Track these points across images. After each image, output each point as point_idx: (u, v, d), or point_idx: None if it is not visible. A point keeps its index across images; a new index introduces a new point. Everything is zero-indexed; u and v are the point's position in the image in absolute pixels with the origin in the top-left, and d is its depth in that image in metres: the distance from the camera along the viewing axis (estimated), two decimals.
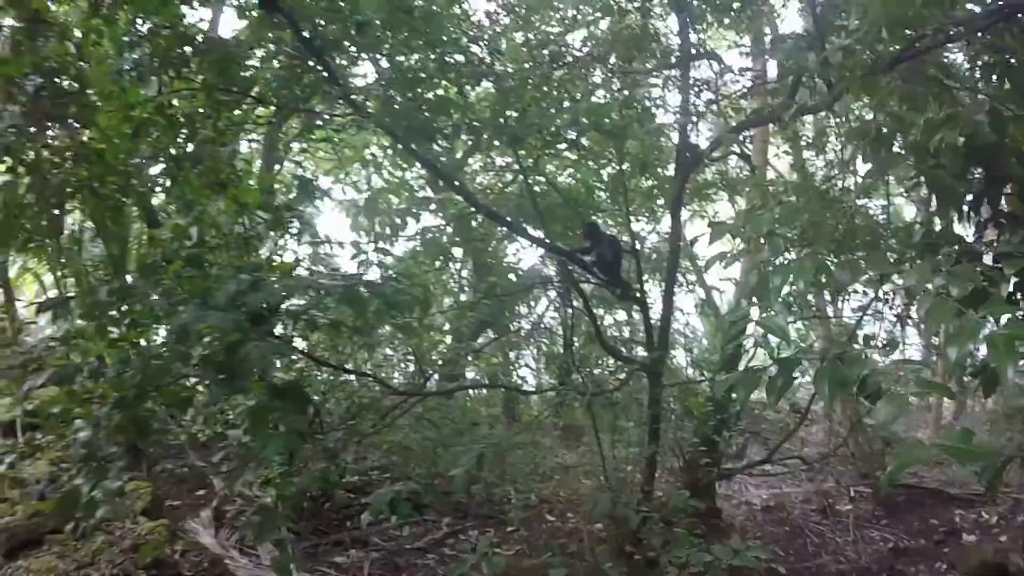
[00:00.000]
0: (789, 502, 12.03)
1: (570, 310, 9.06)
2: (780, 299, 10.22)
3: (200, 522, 8.91)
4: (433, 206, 8.71)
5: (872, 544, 10.78)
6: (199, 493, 9.91)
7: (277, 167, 15.06)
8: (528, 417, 15.54)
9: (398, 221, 7.79)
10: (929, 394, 14.23)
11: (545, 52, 8.05)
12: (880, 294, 11.09)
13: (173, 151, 6.12)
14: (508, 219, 8.53)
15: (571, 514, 10.54)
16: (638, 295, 8.75)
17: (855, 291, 11.02)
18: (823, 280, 9.24)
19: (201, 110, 6.49)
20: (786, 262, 10.29)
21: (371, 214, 7.00)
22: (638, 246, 9.19)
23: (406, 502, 8.14)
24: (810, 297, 11.13)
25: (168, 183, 6.64)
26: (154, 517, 8.03)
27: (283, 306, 5.04)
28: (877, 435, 12.28)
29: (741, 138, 9.38)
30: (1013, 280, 4.91)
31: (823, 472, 12.63)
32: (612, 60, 8.29)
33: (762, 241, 10.64)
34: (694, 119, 8.96)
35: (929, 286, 4.25)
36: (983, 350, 3.53)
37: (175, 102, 6.39)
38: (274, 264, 5.84)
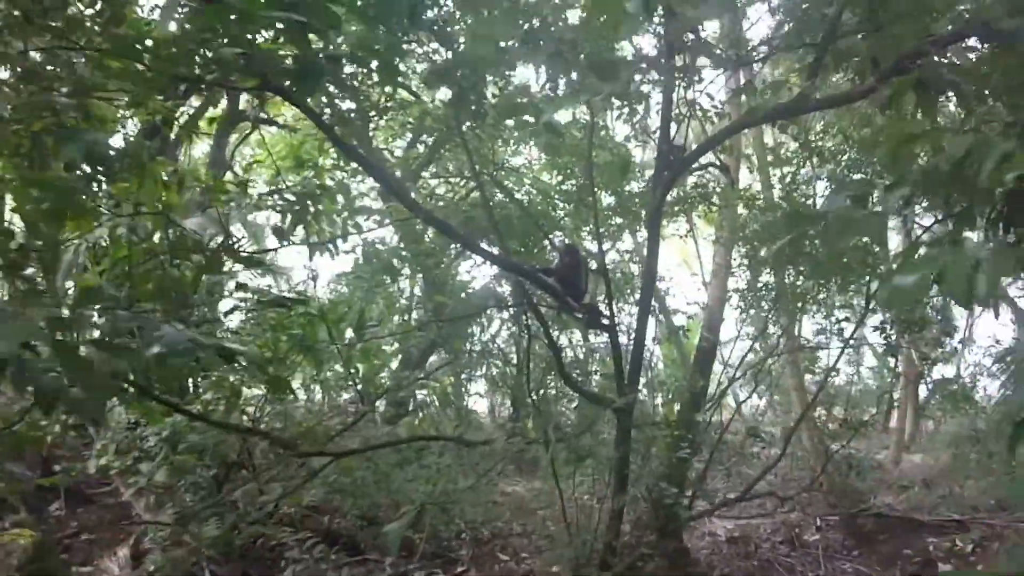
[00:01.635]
0: (756, 533, 11.09)
1: (526, 335, 7.94)
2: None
3: (116, 561, 7.93)
4: (377, 216, 7.53)
5: None
6: (123, 524, 8.75)
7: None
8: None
9: (332, 231, 6.68)
10: None
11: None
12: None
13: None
14: (459, 232, 7.26)
15: (526, 554, 9.44)
16: (606, 322, 7.51)
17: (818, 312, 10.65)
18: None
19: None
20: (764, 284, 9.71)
21: (299, 220, 5.85)
22: (608, 266, 8.15)
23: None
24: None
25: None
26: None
27: None
28: (845, 462, 11.43)
29: (718, 149, 8.44)
30: None
31: (790, 502, 11.64)
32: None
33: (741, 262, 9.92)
34: (683, 115, 7.76)
35: None
36: None
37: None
38: None
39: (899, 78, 5.13)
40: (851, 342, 9.54)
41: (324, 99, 6.50)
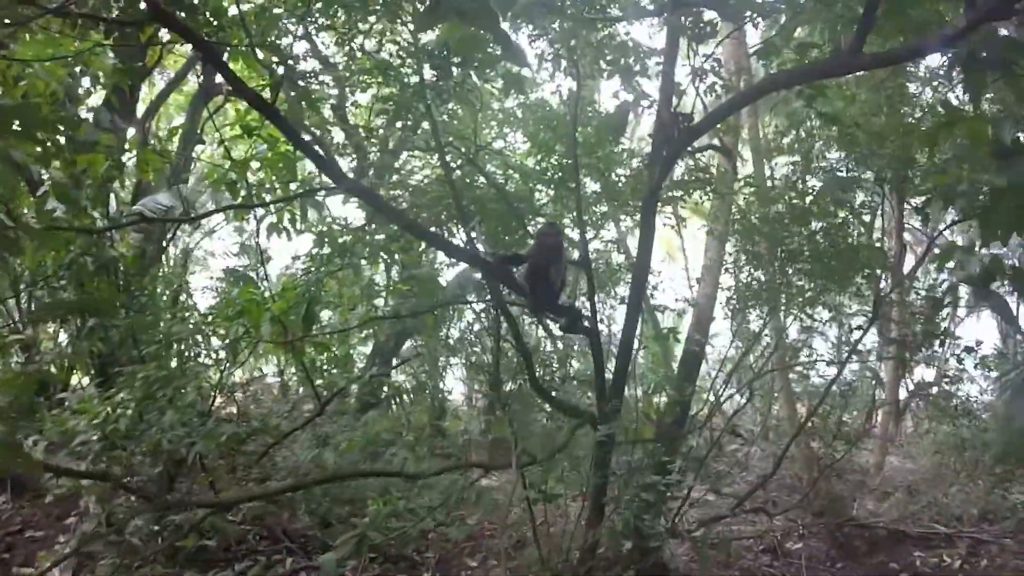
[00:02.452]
0: (736, 540, 10.29)
1: (494, 335, 7.02)
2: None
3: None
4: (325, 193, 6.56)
5: None
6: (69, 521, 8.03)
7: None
8: (455, 428, 13.88)
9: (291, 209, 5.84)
10: None
11: None
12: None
13: None
14: (403, 216, 6.24)
15: (495, 560, 8.63)
16: (588, 326, 6.28)
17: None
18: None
19: None
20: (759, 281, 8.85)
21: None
22: (591, 256, 7.17)
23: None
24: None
25: None
26: None
27: None
28: (831, 469, 10.74)
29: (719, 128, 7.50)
30: None
31: (773, 507, 10.91)
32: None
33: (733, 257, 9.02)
34: (694, 80, 6.26)
35: None
36: None
37: None
38: None
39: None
40: (857, 349, 8.71)
41: (275, 58, 5.68)
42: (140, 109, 13.30)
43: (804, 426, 9.07)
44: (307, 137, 5.90)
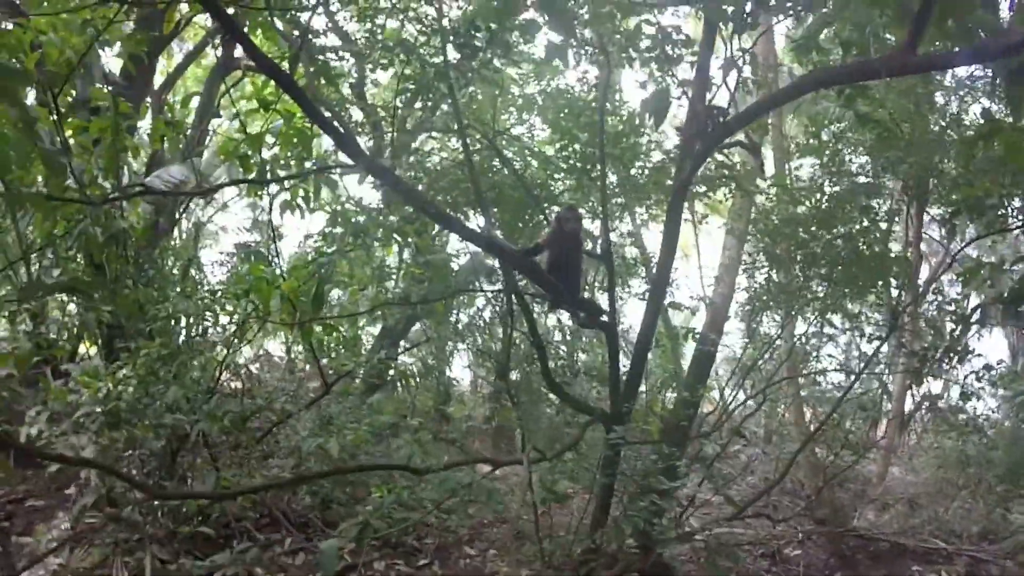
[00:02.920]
0: (735, 544, 10.08)
1: (508, 322, 6.71)
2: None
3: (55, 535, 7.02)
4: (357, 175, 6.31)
5: None
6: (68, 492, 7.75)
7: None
8: (460, 413, 13.70)
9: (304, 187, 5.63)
10: None
11: None
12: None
13: None
14: (424, 199, 5.91)
15: (495, 551, 8.43)
16: (606, 320, 5.91)
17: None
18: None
19: None
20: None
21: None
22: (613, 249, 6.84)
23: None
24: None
25: None
26: None
27: None
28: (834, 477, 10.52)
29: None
30: None
31: (775, 511, 10.69)
32: None
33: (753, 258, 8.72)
34: (725, 74, 5.66)
35: None
36: None
37: None
38: None
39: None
40: (873, 359, 8.44)
41: (296, 31, 5.44)
42: (159, 81, 13.10)
43: (815, 435, 8.77)
44: (326, 113, 5.66)
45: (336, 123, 4.80)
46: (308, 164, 5.43)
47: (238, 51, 11.17)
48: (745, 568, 9.32)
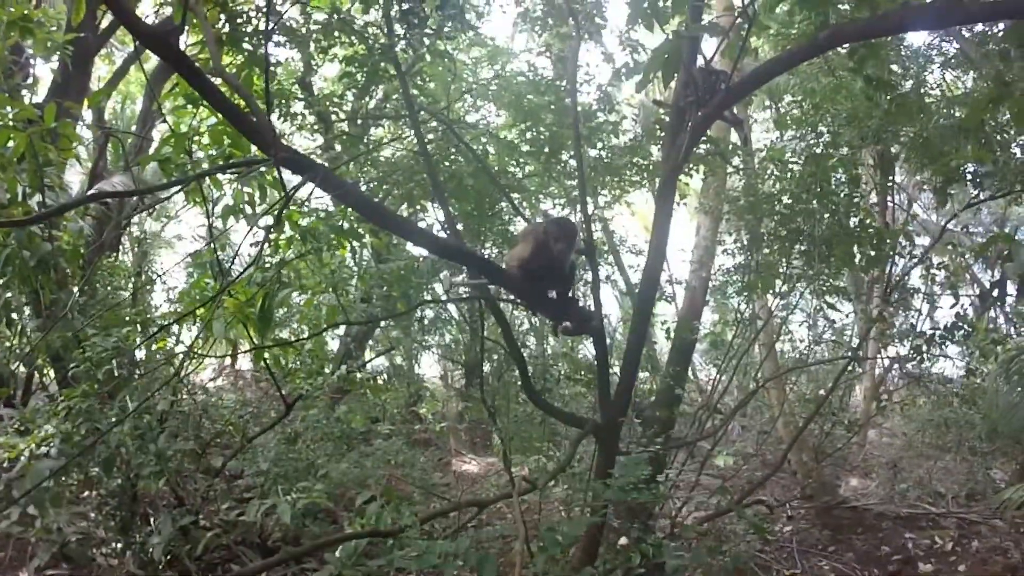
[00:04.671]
0: (725, 524, 9.52)
1: (479, 333, 5.90)
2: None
3: None
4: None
5: None
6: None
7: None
8: (432, 409, 12.98)
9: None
10: None
11: None
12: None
13: None
14: (368, 200, 4.93)
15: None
16: (595, 325, 4.94)
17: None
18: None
19: None
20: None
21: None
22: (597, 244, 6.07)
23: None
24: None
25: None
26: None
27: None
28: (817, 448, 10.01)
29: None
30: None
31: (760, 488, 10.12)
32: None
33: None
34: (730, 29, 4.65)
35: None
36: None
37: None
38: None
39: None
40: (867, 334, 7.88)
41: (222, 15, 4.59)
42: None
43: (814, 417, 8.18)
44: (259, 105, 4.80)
45: (252, 111, 3.82)
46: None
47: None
48: (738, 550, 8.80)
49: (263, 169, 4.46)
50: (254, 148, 4.48)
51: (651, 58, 4.13)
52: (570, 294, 4.56)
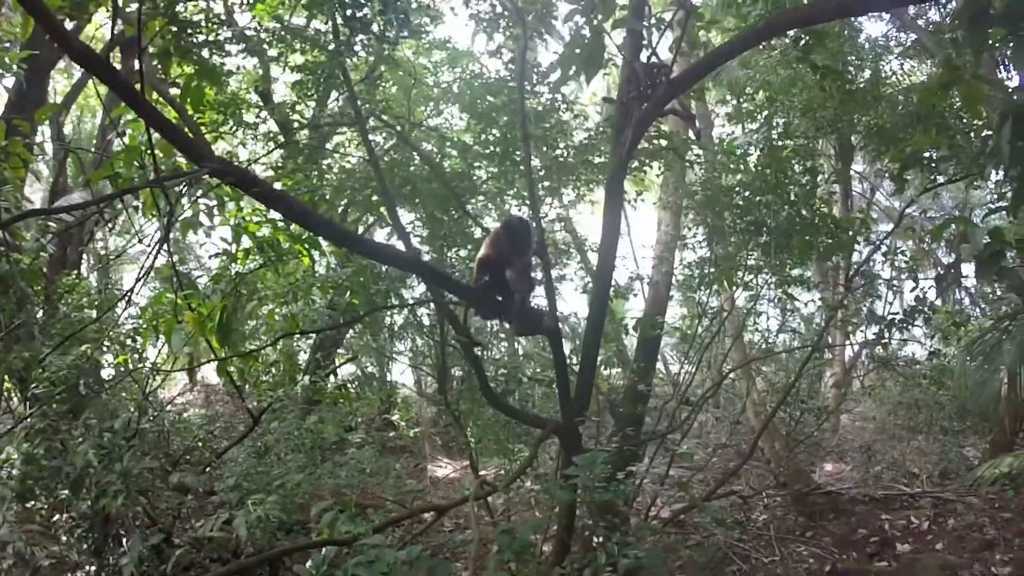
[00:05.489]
0: (697, 518, 9.55)
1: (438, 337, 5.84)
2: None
3: None
4: None
5: (802, 563, 8.57)
6: None
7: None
8: (406, 416, 12.89)
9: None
10: None
11: None
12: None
13: None
14: (313, 215, 4.77)
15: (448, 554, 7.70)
16: (549, 325, 4.93)
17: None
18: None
19: None
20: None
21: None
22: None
23: None
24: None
25: None
26: None
27: None
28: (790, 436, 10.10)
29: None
30: None
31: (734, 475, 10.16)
32: None
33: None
34: (671, 22, 4.71)
35: None
36: None
37: None
38: None
39: None
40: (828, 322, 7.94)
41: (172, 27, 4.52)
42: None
43: (780, 406, 8.23)
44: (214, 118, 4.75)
45: (188, 124, 3.75)
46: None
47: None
48: (716, 542, 8.84)
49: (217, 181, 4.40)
50: None
51: (564, 54, 4.13)
52: (525, 295, 4.53)
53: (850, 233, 7.00)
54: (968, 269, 5.85)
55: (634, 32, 4.43)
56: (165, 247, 4.84)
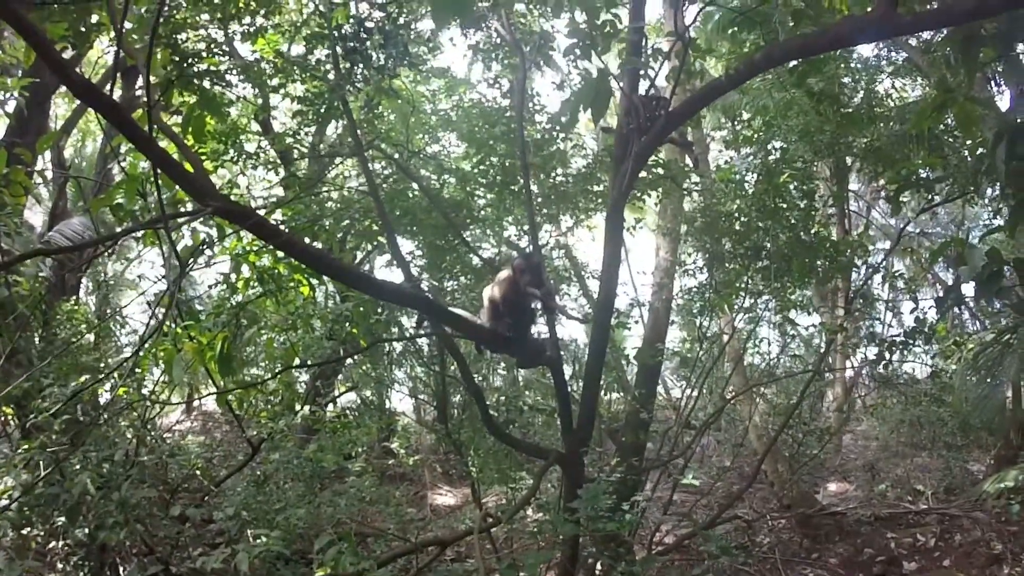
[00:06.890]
0: (700, 544, 9.49)
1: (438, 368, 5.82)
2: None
3: None
4: None
5: None
6: None
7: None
8: (405, 444, 12.80)
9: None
10: None
11: None
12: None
13: None
14: (317, 254, 4.79)
15: None
16: (551, 356, 4.92)
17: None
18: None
19: None
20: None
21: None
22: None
23: None
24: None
25: None
26: None
27: None
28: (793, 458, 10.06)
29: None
30: None
31: (738, 499, 10.10)
32: None
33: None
34: (651, 63, 4.67)
35: None
36: None
37: None
38: None
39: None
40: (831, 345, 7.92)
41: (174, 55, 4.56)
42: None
43: (783, 429, 8.19)
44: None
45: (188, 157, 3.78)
46: (190, 205, 4.49)
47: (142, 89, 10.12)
48: (721, 565, 8.78)
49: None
50: None
51: (577, 96, 4.19)
52: (529, 328, 4.56)
53: (848, 254, 7.02)
54: (967, 289, 5.87)
55: (635, 61, 4.48)
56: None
